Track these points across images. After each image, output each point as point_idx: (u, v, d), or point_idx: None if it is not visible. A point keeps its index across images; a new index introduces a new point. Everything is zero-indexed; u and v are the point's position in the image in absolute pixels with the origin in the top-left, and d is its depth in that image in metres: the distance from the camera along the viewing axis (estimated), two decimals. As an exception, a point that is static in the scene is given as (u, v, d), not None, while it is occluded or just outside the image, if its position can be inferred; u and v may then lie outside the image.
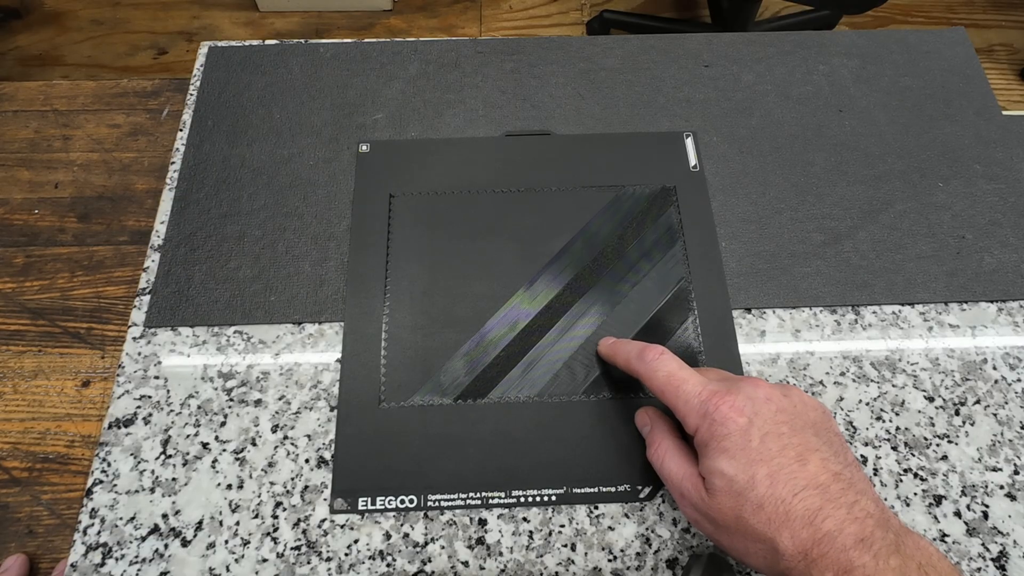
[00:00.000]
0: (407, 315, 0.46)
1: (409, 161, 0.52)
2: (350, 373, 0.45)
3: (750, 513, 0.32)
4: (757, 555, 0.32)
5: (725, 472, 0.33)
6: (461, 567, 0.40)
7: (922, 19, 1.74)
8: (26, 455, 0.44)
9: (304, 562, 0.40)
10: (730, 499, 0.33)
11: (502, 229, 0.49)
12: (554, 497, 0.41)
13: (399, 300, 0.47)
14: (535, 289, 0.47)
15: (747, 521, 0.32)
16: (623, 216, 0.50)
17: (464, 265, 0.48)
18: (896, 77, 0.59)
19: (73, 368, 0.47)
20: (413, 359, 0.45)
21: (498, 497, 0.41)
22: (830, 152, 0.55)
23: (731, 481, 0.33)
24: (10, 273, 0.51)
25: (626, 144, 0.54)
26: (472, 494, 0.41)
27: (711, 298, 0.47)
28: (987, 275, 0.50)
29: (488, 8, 1.74)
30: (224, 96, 0.58)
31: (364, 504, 0.41)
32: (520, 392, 0.44)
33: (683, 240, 0.49)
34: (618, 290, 0.47)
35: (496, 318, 0.46)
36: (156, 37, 1.68)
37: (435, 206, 0.50)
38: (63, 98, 0.60)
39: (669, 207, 0.50)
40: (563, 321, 0.46)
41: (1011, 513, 0.42)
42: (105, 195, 0.55)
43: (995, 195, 0.53)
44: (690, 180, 0.52)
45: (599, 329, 0.46)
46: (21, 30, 1.67)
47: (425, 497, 0.41)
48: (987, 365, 0.47)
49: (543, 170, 0.52)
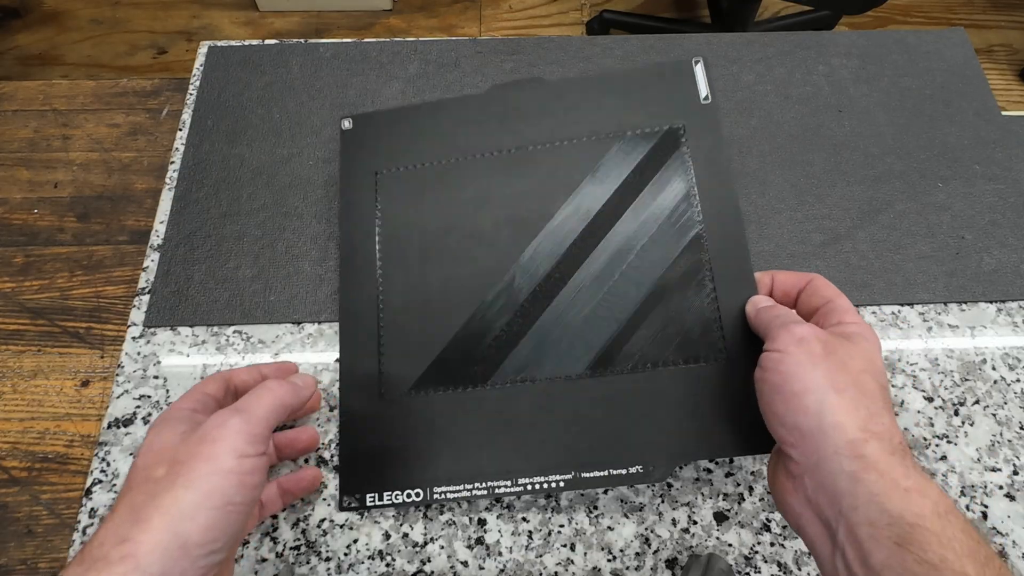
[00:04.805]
0: (402, 300, 0.44)
1: (394, 133, 0.48)
2: (349, 368, 0.43)
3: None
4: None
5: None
6: (460, 567, 0.40)
7: (922, 19, 1.74)
8: (25, 455, 0.44)
9: (304, 562, 0.40)
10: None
11: (495, 197, 0.45)
12: (562, 483, 0.39)
13: (392, 285, 0.44)
14: (534, 259, 0.43)
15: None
16: (625, 167, 0.44)
17: (458, 241, 0.44)
18: (896, 77, 0.59)
19: (72, 368, 0.47)
20: (411, 346, 0.43)
21: (504, 486, 0.40)
22: (830, 152, 0.55)
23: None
24: (9, 273, 0.51)
25: (625, 84, 0.46)
26: (478, 484, 0.40)
27: (729, 252, 0.41)
28: (986, 275, 0.50)
29: (488, 8, 1.74)
30: (224, 96, 0.58)
31: (372, 500, 0.40)
32: (522, 373, 0.41)
33: (695, 186, 0.43)
34: (623, 251, 0.42)
35: (493, 294, 0.43)
36: (156, 37, 1.68)
37: (423, 180, 0.46)
38: (62, 98, 0.60)
39: (677, 149, 0.44)
40: (566, 291, 0.42)
41: (1010, 513, 0.42)
42: (105, 195, 0.55)
43: (994, 195, 0.53)
44: (701, 115, 0.44)
45: (605, 298, 0.42)
46: (20, 29, 1.67)
47: (431, 490, 0.40)
48: (986, 365, 0.47)
49: (536, 123, 0.46)
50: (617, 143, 0.45)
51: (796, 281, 0.39)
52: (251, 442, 0.31)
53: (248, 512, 0.31)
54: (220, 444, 0.30)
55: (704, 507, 0.42)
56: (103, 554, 0.27)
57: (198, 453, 0.30)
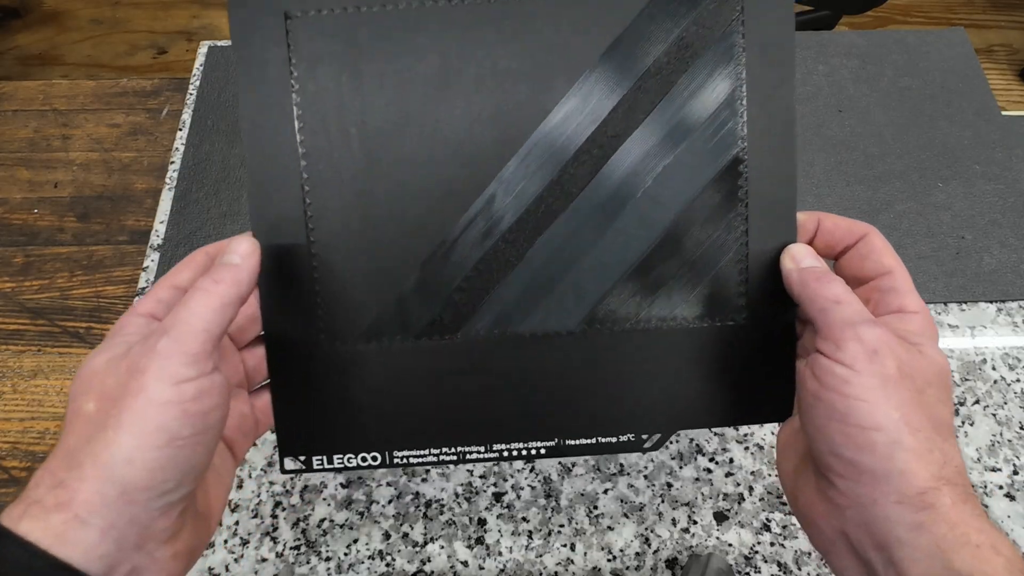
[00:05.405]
0: (339, 224, 0.33)
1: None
2: (274, 305, 0.33)
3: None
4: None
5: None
6: (460, 567, 0.40)
7: (922, 19, 1.74)
8: (25, 454, 0.44)
9: (303, 562, 0.40)
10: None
11: (469, 74, 0.32)
12: (543, 450, 0.34)
13: (325, 198, 0.32)
14: (521, 172, 0.32)
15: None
16: (653, 45, 0.32)
17: (416, 142, 0.32)
18: (896, 77, 0.59)
19: (72, 368, 0.47)
20: (357, 285, 0.33)
21: (477, 452, 0.35)
22: (830, 152, 0.55)
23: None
24: (9, 273, 0.51)
25: None
26: (445, 449, 0.34)
27: (773, 183, 0.32)
28: (986, 275, 0.50)
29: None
30: (224, 96, 0.58)
31: (320, 463, 0.34)
32: (500, 327, 0.33)
33: (744, 86, 0.32)
34: (639, 172, 0.32)
35: (465, 220, 0.32)
36: (156, 37, 1.68)
37: (359, 36, 0.32)
38: (63, 97, 0.60)
39: (726, 28, 0.31)
40: (561, 221, 0.33)
41: (1010, 513, 0.42)
42: (105, 195, 0.55)
43: (994, 195, 0.53)
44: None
45: (611, 234, 0.33)
46: (20, 29, 1.67)
47: (390, 453, 0.35)
48: (986, 365, 0.47)
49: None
50: (647, 5, 0.31)
51: (845, 233, 0.32)
52: (189, 363, 0.26)
53: (207, 442, 0.26)
54: (149, 373, 0.25)
55: (704, 507, 0.42)
56: (38, 497, 0.24)
57: (127, 386, 0.25)
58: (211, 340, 0.27)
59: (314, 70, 0.32)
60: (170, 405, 0.25)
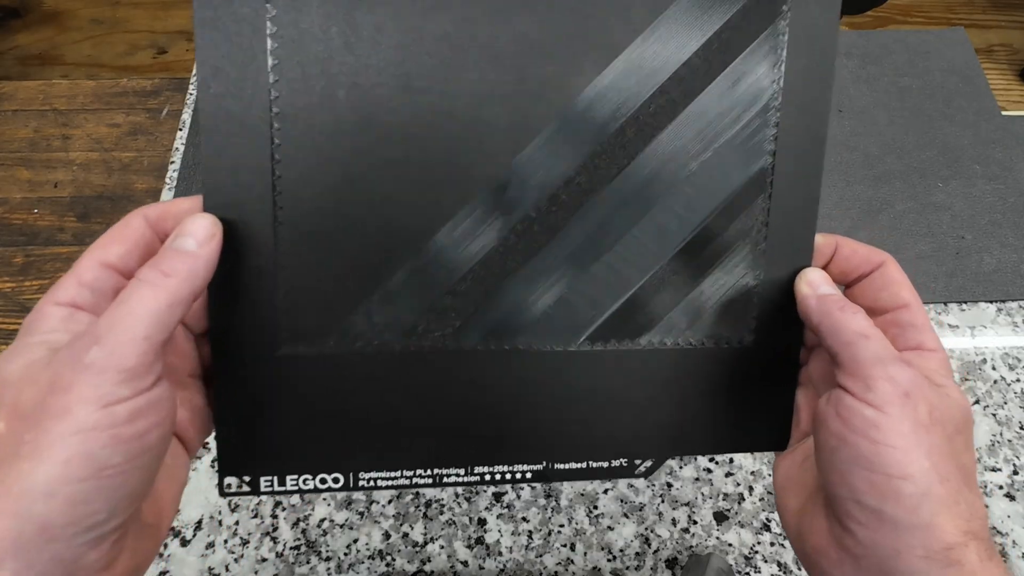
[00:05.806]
0: (313, 200, 0.28)
1: None
2: (226, 295, 0.28)
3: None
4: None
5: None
6: (460, 567, 0.40)
7: (922, 19, 1.74)
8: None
9: (303, 562, 0.40)
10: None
11: (485, 40, 0.27)
12: (529, 475, 0.31)
13: (299, 170, 0.27)
14: (540, 159, 0.28)
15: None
16: (697, 30, 0.28)
17: (418, 109, 0.27)
18: (896, 77, 0.59)
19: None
20: (328, 275, 0.28)
21: (455, 475, 0.31)
22: (830, 152, 0.55)
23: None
24: (9, 272, 0.51)
25: None
26: (420, 471, 0.31)
27: (796, 201, 0.29)
28: (987, 275, 0.50)
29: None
30: (224, 96, 0.58)
31: (268, 485, 0.29)
32: (497, 341, 0.30)
33: (781, 90, 0.29)
34: (672, 170, 0.29)
35: (471, 205, 0.28)
36: (156, 37, 1.68)
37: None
38: (63, 97, 0.60)
39: (772, 22, 0.28)
40: (581, 217, 0.29)
41: (1010, 513, 0.42)
42: (105, 194, 0.55)
43: (994, 195, 0.53)
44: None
45: (633, 235, 0.29)
46: (20, 29, 1.67)
47: (355, 475, 0.30)
48: (986, 365, 0.47)
49: None
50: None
51: (862, 261, 0.30)
52: (123, 380, 0.21)
53: (146, 465, 0.22)
54: (74, 392, 0.21)
55: (704, 507, 0.42)
56: None
57: (47, 406, 0.21)
58: (153, 349, 0.22)
59: (298, 11, 0.26)
60: (97, 431, 0.21)
